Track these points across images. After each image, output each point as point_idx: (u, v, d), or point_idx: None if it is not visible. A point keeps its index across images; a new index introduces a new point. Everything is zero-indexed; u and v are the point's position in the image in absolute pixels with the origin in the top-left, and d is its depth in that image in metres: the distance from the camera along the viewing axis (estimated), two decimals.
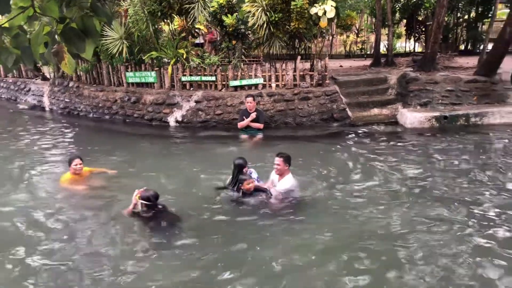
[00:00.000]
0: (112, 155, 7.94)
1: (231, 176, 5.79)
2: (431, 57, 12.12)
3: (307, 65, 11.20)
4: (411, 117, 9.58)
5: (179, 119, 10.21)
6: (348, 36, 22.05)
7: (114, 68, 11.45)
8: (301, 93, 10.00)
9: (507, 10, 14.83)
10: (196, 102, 10.21)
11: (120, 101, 11.13)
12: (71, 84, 12.71)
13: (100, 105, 11.52)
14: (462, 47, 19.10)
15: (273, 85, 10.22)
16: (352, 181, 6.34)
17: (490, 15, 16.24)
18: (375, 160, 7.24)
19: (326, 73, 10.29)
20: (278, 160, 5.57)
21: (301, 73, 10.30)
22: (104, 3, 10.97)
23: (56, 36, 2.68)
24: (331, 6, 9.32)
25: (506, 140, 8.37)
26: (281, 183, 5.59)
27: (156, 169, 7.11)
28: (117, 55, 10.67)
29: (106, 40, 10.34)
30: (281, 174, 5.61)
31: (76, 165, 6.26)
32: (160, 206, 4.91)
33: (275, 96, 10.01)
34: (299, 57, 10.44)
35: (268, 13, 9.61)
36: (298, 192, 5.69)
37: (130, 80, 11.17)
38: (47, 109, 13.57)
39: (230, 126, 9.74)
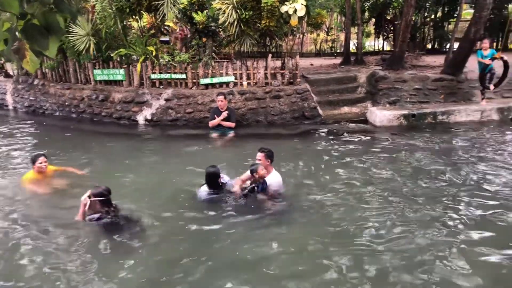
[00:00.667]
0: (79, 155, 7.72)
1: (205, 184, 5.47)
2: (400, 56, 12.33)
3: (278, 63, 11.21)
4: (380, 115, 9.71)
5: (149, 117, 10.05)
6: (318, 35, 22.24)
7: (81, 66, 11.15)
8: (273, 91, 9.98)
9: (472, 10, 15.22)
10: (166, 100, 10.07)
11: (87, 99, 10.86)
12: (36, 81, 12.33)
13: (66, 103, 11.21)
14: (429, 46, 19.53)
15: (245, 83, 10.17)
16: (324, 179, 6.34)
17: (455, 15, 16.64)
18: (346, 158, 7.29)
19: (297, 72, 10.31)
20: (259, 155, 5.45)
21: (273, 71, 10.29)
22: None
23: (16, 33, 2.56)
24: (302, 4, 9.33)
25: (472, 138, 8.59)
26: (269, 180, 5.45)
27: (124, 169, 6.93)
28: (84, 52, 10.39)
29: (73, 36, 10.07)
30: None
31: (41, 163, 6.04)
32: (114, 205, 4.74)
33: (246, 95, 9.97)
34: (270, 55, 10.43)
35: (238, 11, 9.55)
36: (283, 188, 5.64)
37: (98, 78, 10.91)
38: (10, 107, 13.12)
39: (201, 124, 9.64)
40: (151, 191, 6.00)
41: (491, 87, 10.05)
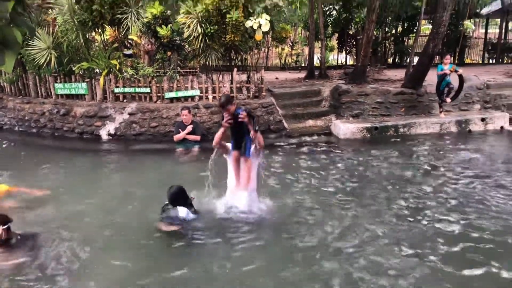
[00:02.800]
0: (37, 172, 7.47)
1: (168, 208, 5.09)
2: (362, 70, 12.61)
3: (244, 77, 11.26)
4: (344, 128, 9.88)
5: (112, 132, 9.86)
6: (283, 49, 22.46)
7: (42, 79, 10.87)
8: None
9: (430, 26, 15.78)
10: (130, 114, 9.92)
11: (48, 114, 10.57)
12: None
13: (26, 118, 10.88)
14: (390, 60, 20.05)
15: (210, 97, 10.16)
16: (290, 191, 6.39)
17: (415, 30, 17.21)
18: (311, 171, 7.36)
19: (262, 85, 10.38)
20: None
21: (238, 85, 10.32)
22: (29, 12, 10.48)
23: None
24: (266, 19, 9.44)
25: (432, 150, 8.86)
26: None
27: (83, 187, 6.74)
28: (44, 65, 10.15)
29: (33, 50, 9.82)
30: None
31: None
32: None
33: (212, 108, 9.95)
34: (235, 69, 10.47)
35: (203, 25, 9.56)
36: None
37: (60, 92, 10.65)
38: None
39: (166, 138, 9.54)
40: (112, 208, 5.84)
41: (448, 100, 10.40)
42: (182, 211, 4.95)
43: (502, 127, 10.51)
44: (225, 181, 5.55)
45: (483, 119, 10.47)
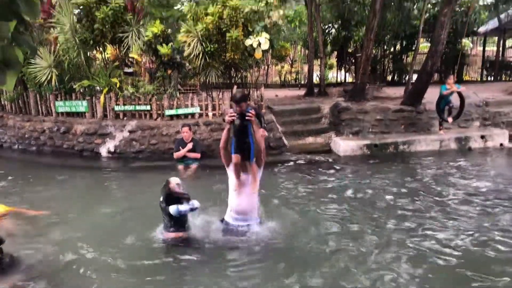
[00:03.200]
0: (36, 190, 7.44)
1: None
2: (361, 88, 12.67)
3: None
4: (344, 145, 9.90)
5: (112, 149, 9.87)
6: (283, 66, 22.64)
7: (43, 97, 10.92)
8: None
9: (429, 44, 15.92)
10: (130, 132, 9.94)
11: (48, 132, 10.59)
12: None
13: (26, 136, 10.89)
14: (389, 78, 20.16)
15: (210, 114, 10.20)
16: (290, 210, 6.36)
17: (413, 48, 17.33)
18: (310, 189, 7.35)
19: (262, 103, 10.43)
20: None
21: None
22: (31, 31, 10.59)
23: None
24: (265, 38, 9.54)
25: (433, 167, 8.86)
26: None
27: (84, 204, 6.75)
28: (45, 83, 10.21)
29: (34, 68, 9.89)
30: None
31: None
32: None
33: (212, 125, 9.98)
34: (235, 87, 10.53)
35: (203, 44, 9.66)
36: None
37: (60, 110, 10.69)
38: None
39: (166, 156, 9.54)
40: (111, 227, 5.82)
41: (450, 119, 10.44)
42: (173, 209, 4.90)
43: (501, 144, 10.53)
44: (226, 200, 5.52)
45: (482, 136, 10.49)
